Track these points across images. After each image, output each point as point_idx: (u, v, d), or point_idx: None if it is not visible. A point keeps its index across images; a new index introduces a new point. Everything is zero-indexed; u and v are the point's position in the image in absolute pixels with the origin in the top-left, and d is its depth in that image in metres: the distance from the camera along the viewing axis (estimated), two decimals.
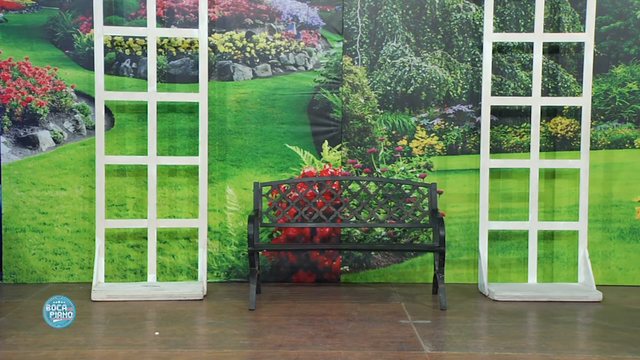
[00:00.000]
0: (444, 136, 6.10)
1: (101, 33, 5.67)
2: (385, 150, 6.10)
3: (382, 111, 6.10)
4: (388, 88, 6.09)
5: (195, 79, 5.90)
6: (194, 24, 5.93)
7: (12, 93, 5.96)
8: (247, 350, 4.26)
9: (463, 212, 6.09)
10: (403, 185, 5.89)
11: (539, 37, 5.78)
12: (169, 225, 5.94)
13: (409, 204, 5.88)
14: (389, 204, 5.87)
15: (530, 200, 5.85)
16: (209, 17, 5.91)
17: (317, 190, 5.79)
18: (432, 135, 6.11)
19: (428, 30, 6.09)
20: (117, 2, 5.98)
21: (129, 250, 6.04)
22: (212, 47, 6.03)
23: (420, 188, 5.80)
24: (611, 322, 4.96)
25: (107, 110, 5.92)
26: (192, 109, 5.99)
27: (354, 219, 5.81)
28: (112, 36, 5.97)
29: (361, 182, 5.82)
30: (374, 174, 6.09)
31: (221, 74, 6.07)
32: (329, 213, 5.78)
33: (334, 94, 6.07)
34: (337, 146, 6.08)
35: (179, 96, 5.91)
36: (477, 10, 6.06)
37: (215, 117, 6.03)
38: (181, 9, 6.05)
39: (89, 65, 5.89)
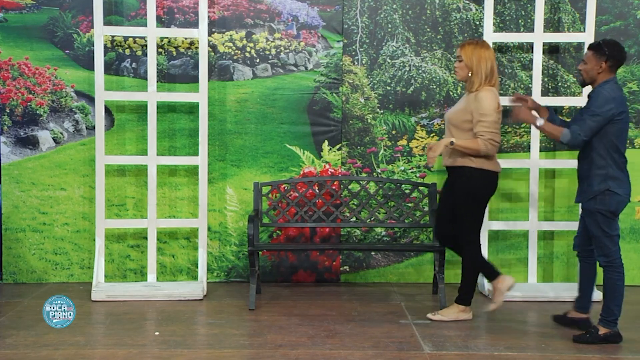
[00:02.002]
0: (444, 136, 6.09)
1: (101, 33, 5.67)
2: (385, 150, 6.10)
3: (382, 111, 6.10)
4: (388, 88, 6.09)
5: (195, 79, 5.90)
6: (194, 24, 5.93)
7: (12, 93, 5.96)
8: (247, 350, 4.27)
9: None
10: (403, 185, 5.89)
11: (539, 37, 5.78)
12: (169, 225, 5.94)
13: (409, 204, 5.88)
14: (389, 204, 5.87)
15: (530, 200, 5.85)
16: (209, 17, 5.91)
17: (317, 190, 5.79)
18: (432, 135, 6.11)
19: (428, 30, 6.09)
20: (117, 2, 5.98)
21: (129, 250, 6.04)
22: (212, 47, 6.03)
23: (420, 188, 5.80)
24: None
25: (107, 110, 5.92)
26: (192, 109, 5.99)
27: (354, 219, 5.81)
28: (112, 36, 5.97)
29: (361, 182, 5.82)
30: (374, 174, 6.09)
31: (221, 74, 6.07)
32: (329, 213, 5.78)
33: (334, 94, 6.07)
34: (337, 146, 6.08)
35: (179, 96, 5.91)
36: (477, 10, 6.06)
37: (215, 117, 6.03)
38: (181, 9, 6.05)
39: (89, 65, 5.89)
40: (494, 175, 4.82)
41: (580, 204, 4.63)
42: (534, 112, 4.68)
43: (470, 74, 4.77)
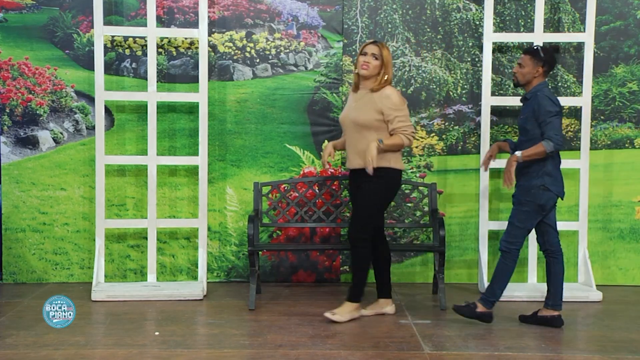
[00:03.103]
0: (444, 136, 6.10)
1: (101, 33, 5.67)
2: None
3: None
4: None
5: (195, 79, 5.90)
6: (194, 24, 5.93)
7: (12, 93, 5.96)
8: (247, 350, 4.26)
9: (463, 212, 6.09)
10: (403, 185, 5.89)
11: (539, 37, 5.78)
12: (169, 225, 5.94)
13: (409, 204, 5.88)
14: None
15: None
16: (209, 17, 5.91)
17: (317, 190, 5.79)
18: (432, 135, 6.11)
19: (428, 30, 6.09)
20: (117, 2, 5.98)
21: (129, 250, 6.04)
22: (212, 47, 6.03)
23: (420, 188, 5.80)
24: (611, 322, 4.96)
25: (107, 110, 5.93)
26: (192, 109, 5.99)
27: None
28: (112, 36, 5.97)
29: None
30: None
31: (221, 74, 6.08)
32: (329, 213, 5.78)
33: (334, 94, 6.07)
34: None
35: (179, 96, 5.91)
36: (477, 10, 6.06)
37: (215, 117, 6.03)
38: (181, 9, 6.05)
39: (89, 65, 5.89)
40: (401, 173, 4.91)
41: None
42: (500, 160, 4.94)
43: (380, 74, 4.79)
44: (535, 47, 4.79)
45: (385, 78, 4.78)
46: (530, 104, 4.71)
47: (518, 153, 4.67)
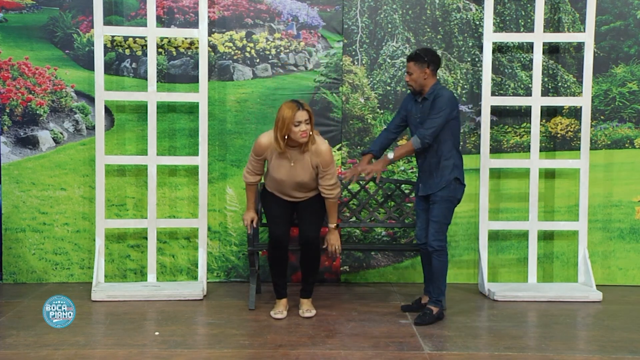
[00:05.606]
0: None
1: (101, 33, 5.67)
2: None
3: (382, 111, 6.09)
4: (388, 88, 6.09)
5: (195, 79, 5.90)
6: (194, 24, 5.93)
7: (12, 93, 5.96)
8: (247, 350, 4.27)
9: (463, 212, 6.08)
10: (403, 185, 5.89)
11: (539, 37, 5.78)
12: (169, 225, 5.94)
13: (409, 204, 5.88)
14: (389, 204, 5.87)
15: (530, 200, 5.85)
16: (209, 17, 5.91)
17: None
18: None
19: (428, 30, 6.09)
20: (117, 2, 5.98)
21: (129, 250, 6.04)
22: (212, 47, 6.03)
23: None
24: (611, 322, 4.97)
25: (107, 110, 5.93)
26: (192, 109, 5.99)
27: (354, 219, 5.80)
28: (112, 36, 5.97)
29: (361, 182, 5.82)
30: (374, 174, 6.08)
31: (221, 74, 6.08)
32: None
33: (334, 94, 6.07)
34: (337, 146, 6.08)
35: (179, 96, 5.91)
36: (477, 10, 6.06)
37: (215, 117, 6.03)
38: (181, 9, 6.05)
39: (89, 65, 5.89)
40: None
41: (430, 195, 4.96)
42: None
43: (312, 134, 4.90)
44: (415, 52, 4.94)
45: (312, 137, 4.89)
46: (431, 104, 4.85)
47: (390, 154, 4.89)
